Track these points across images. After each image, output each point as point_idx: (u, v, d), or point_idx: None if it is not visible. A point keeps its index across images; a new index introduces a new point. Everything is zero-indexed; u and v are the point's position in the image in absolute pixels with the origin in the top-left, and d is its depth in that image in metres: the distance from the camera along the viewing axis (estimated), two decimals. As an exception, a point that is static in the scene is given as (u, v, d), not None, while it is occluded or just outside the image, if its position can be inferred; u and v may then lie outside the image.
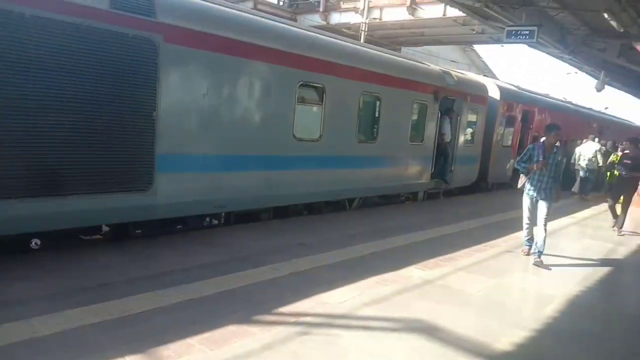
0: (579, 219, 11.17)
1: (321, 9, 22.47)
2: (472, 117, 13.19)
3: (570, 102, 22.07)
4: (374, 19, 21.59)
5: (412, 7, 20.16)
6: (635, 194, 14.19)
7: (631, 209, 13.58)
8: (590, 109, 24.97)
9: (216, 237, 7.17)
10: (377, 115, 10.10)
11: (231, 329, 3.97)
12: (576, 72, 36.94)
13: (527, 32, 11.75)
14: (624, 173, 9.58)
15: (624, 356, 4.20)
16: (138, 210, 6.29)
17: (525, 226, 7.36)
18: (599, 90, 20.26)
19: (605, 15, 11.01)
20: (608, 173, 13.96)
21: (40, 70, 5.18)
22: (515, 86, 16.71)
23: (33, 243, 5.73)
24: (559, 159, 6.91)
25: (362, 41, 18.44)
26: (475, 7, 12.72)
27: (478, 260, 6.82)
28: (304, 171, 8.61)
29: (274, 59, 7.72)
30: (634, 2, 10.70)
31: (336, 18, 22.71)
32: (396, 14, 21.21)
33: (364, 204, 10.58)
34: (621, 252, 8.15)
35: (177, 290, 4.70)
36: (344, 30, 21.09)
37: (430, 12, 19.44)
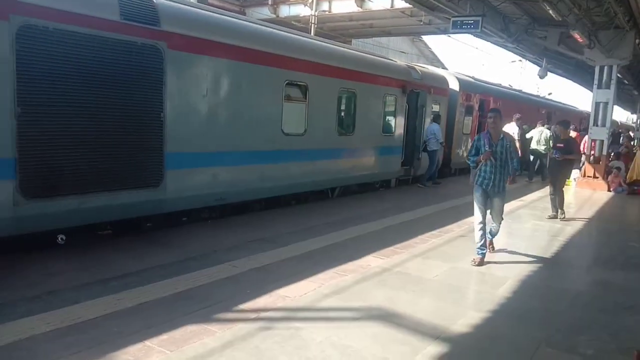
0: (527, 201, 11.61)
1: (270, 2, 22.24)
2: (435, 108, 14.25)
3: (520, 91, 23.79)
4: (323, 11, 21.59)
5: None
6: (579, 174, 14.96)
7: (576, 189, 14.31)
8: (538, 96, 26.40)
9: (172, 237, 7.03)
10: (353, 109, 10.98)
11: (190, 329, 3.90)
12: (520, 60, 38.31)
13: (472, 22, 12.04)
14: (557, 156, 9.34)
15: (571, 329, 4.40)
16: (151, 205, 6.96)
17: (477, 228, 6.25)
18: (541, 77, 21.06)
19: (544, 5, 11.41)
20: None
21: (75, 81, 5.85)
22: (471, 77, 18.11)
23: (59, 239, 6.31)
24: (508, 145, 6.19)
25: (312, 34, 18.43)
26: (421, -1, 12.95)
27: (434, 246, 6.98)
28: (292, 164, 9.37)
29: (264, 60, 8.45)
30: (570, -8, 11.16)
31: (285, 11, 22.56)
32: (345, 6, 21.28)
33: (343, 192, 11.31)
34: (568, 232, 8.52)
35: (132, 293, 4.58)
36: (294, 23, 21.00)
37: (378, 4, 19.60)
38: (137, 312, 4.21)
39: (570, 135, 11.40)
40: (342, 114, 10.83)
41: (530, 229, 8.78)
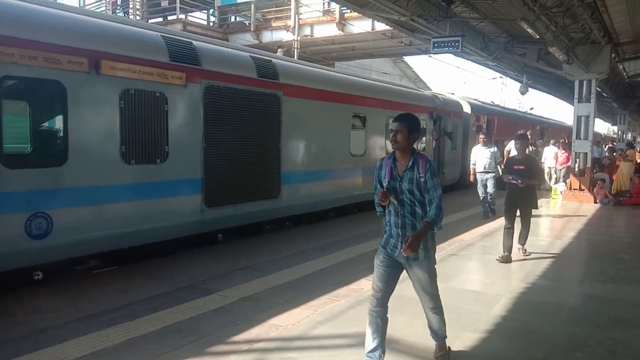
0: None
1: (252, 28, 22.46)
2: (453, 129, 16.91)
3: (516, 110, 27.23)
4: (306, 35, 21.83)
5: (342, 23, 20.54)
6: (566, 187, 15.07)
7: (563, 202, 14.39)
8: (532, 114, 30.05)
9: (157, 268, 6.92)
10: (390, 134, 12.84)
11: (181, 364, 3.79)
12: (501, 77, 38.97)
13: (452, 42, 12.22)
14: (519, 182, 7.12)
15: (567, 346, 4.35)
16: (274, 211, 9.33)
17: (369, 331, 3.89)
18: (523, 93, 21.43)
19: (522, 24, 11.65)
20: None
21: (232, 122, 8.22)
22: (480, 101, 21.41)
23: (219, 237, 8.52)
24: (421, 178, 3.60)
25: (295, 58, 18.57)
26: (400, 21, 13.11)
27: (425, 267, 6.92)
28: (356, 179, 11.78)
29: (338, 99, 11.01)
30: (545, 11, 11.39)
31: (268, 36, 22.76)
32: (327, 30, 21.54)
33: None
34: (558, 246, 8.53)
35: (120, 329, 4.45)
36: (277, 48, 21.18)
37: (359, 26, 19.87)
38: (126, 349, 4.08)
39: (529, 152, 11.03)
40: (386, 136, 13.09)
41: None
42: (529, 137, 12.11)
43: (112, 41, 6.57)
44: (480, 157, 11.30)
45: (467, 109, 18.57)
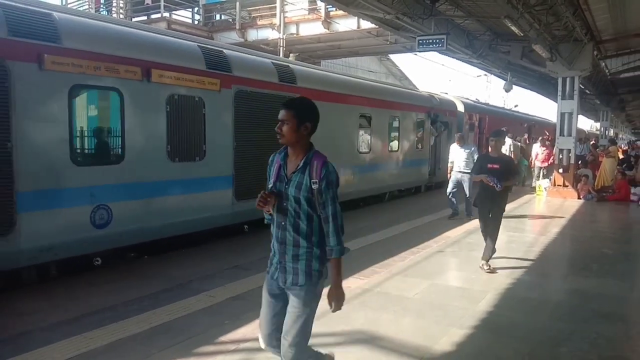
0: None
1: (237, 27, 22.36)
2: (449, 127, 17.62)
3: (504, 108, 28.57)
4: (291, 34, 21.79)
5: (327, 21, 20.53)
6: (550, 184, 15.25)
7: (548, 198, 14.56)
8: (518, 111, 31.32)
9: (145, 268, 6.88)
10: (397, 131, 14.53)
11: (168, 365, 3.77)
12: (486, 75, 39.28)
13: (437, 40, 12.30)
14: (498, 187, 6.35)
15: (552, 341, 4.41)
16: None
17: None
18: (507, 90, 21.64)
19: (506, 22, 11.75)
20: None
21: (257, 123, 8.93)
22: (472, 100, 22.76)
23: (245, 228, 9.41)
24: (316, 183, 2.85)
25: (281, 56, 18.53)
26: (385, 19, 13.15)
27: (412, 264, 6.97)
28: (363, 175, 12.74)
29: (347, 100, 11.93)
30: (529, 9, 11.51)
31: (253, 34, 22.68)
32: (312, 29, 21.52)
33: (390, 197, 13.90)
34: (542, 242, 8.63)
35: (106, 330, 4.41)
36: (263, 47, 21.11)
37: (345, 25, 19.88)
38: (112, 351, 4.05)
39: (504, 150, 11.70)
40: (391, 135, 14.29)
41: (506, 239, 8.87)
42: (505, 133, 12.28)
43: (159, 52, 7.38)
44: (457, 157, 10.99)
45: (460, 108, 19.47)
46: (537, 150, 17.06)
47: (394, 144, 14.40)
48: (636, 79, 22.57)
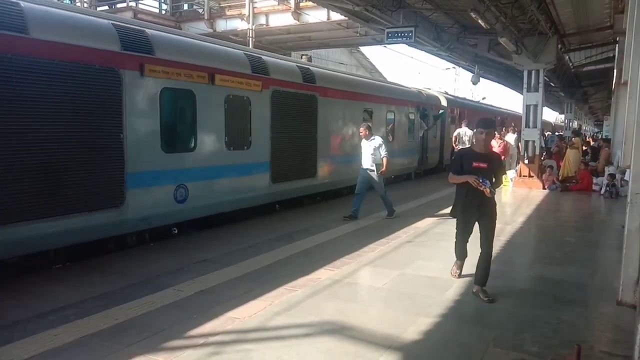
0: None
1: (206, 17, 22.01)
2: (434, 120, 19.49)
3: (479, 102, 30.83)
4: (261, 25, 21.57)
5: (297, 12, 20.40)
6: (516, 174, 15.60)
7: (514, 188, 14.89)
8: (492, 105, 33.43)
9: (112, 264, 6.73)
10: (393, 123, 15.98)
11: (134, 361, 3.71)
12: (454, 67, 39.78)
13: (406, 32, 12.39)
14: (490, 191, 5.18)
15: (516, 328, 4.52)
16: (311, 187, 11.85)
17: None
18: (474, 83, 21.99)
19: (473, 15, 11.89)
20: None
21: (287, 118, 10.70)
22: (452, 95, 25.72)
23: (277, 207, 11.24)
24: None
25: (250, 47, 18.34)
26: (355, 11, 13.14)
27: (382, 254, 7.04)
28: None
29: (354, 97, 13.44)
30: (495, 2, 11.69)
31: (222, 25, 22.36)
32: (282, 20, 21.36)
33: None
34: (508, 231, 8.82)
35: (71, 327, 4.32)
36: (232, 37, 20.85)
37: (315, 16, 19.80)
38: (77, 348, 3.97)
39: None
40: (389, 127, 15.71)
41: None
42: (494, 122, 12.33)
43: (219, 60, 8.94)
44: (362, 151, 9.89)
45: (444, 102, 21.09)
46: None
47: (390, 135, 15.73)
48: (598, 72, 23.24)
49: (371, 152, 9.65)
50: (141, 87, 7.30)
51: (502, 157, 13.90)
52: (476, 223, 5.49)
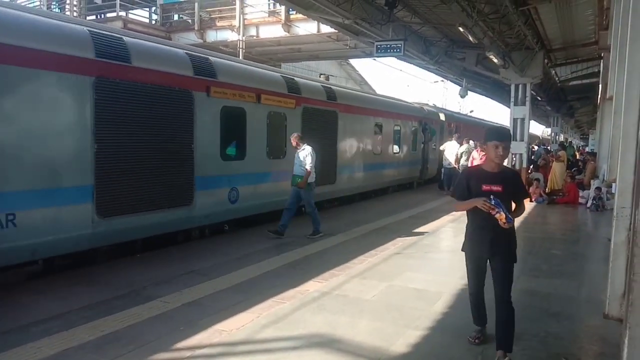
0: (457, 215, 12.01)
1: (196, 27, 22.06)
2: (433, 133, 21.07)
3: (472, 116, 33.56)
4: (251, 36, 21.66)
5: (287, 24, 20.54)
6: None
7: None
8: (483, 119, 35.62)
9: (98, 275, 6.63)
10: (399, 137, 17.63)
11: (119, 374, 3.65)
12: (442, 81, 40.15)
13: (395, 46, 12.50)
14: (508, 221, 3.99)
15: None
16: (331, 193, 13.15)
17: None
18: (462, 96, 22.25)
19: (461, 29, 12.06)
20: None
21: (314, 130, 11.70)
22: (449, 111, 28.36)
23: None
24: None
25: (240, 58, 18.38)
26: (345, 24, 13.27)
27: (370, 266, 7.03)
28: (377, 172, 15.93)
29: (368, 113, 15.17)
30: (483, 17, 11.86)
31: (212, 36, 22.42)
32: (272, 31, 21.47)
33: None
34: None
35: (54, 339, 4.25)
36: (222, 48, 20.89)
37: (305, 28, 19.94)
38: (59, 360, 3.89)
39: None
40: (395, 139, 17.31)
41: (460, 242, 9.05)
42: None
43: (264, 82, 10.39)
44: (295, 162, 9.28)
45: (442, 117, 22.90)
46: (474, 155, 15.08)
47: (397, 147, 17.49)
48: (584, 87, 23.61)
49: (300, 163, 9.15)
50: (207, 106, 8.70)
51: None
52: (488, 263, 4.31)
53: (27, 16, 6.25)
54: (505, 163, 4.30)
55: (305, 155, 9.06)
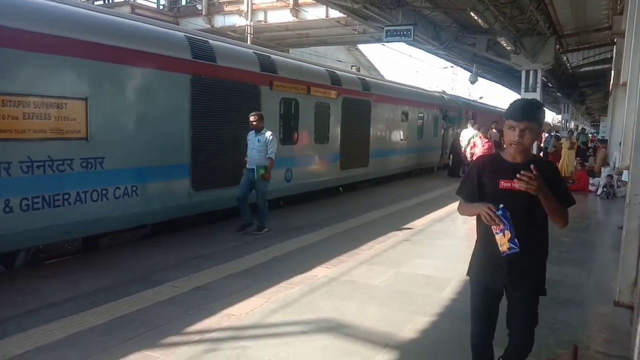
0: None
1: (204, 12, 21.93)
2: (452, 120, 22.06)
3: (485, 103, 33.45)
4: (259, 21, 21.52)
5: (295, 9, 20.38)
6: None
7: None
8: (496, 106, 34.53)
9: (107, 259, 6.68)
10: (422, 123, 18.78)
11: (130, 357, 3.68)
12: (452, 66, 39.79)
13: (404, 31, 12.39)
14: (513, 246, 2.76)
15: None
16: (363, 175, 14.56)
17: None
18: (472, 82, 22.03)
19: (472, 14, 11.89)
20: None
21: (351, 119, 13.45)
22: (466, 98, 29.10)
23: (340, 189, 13.71)
24: None
25: (248, 43, 18.28)
26: (354, 9, 13.16)
27: (378, 252, 7.02)
28: (403, 156, 17.24)
29: (397, 102, 16.39)
30: (494, 2, 11.69)
31: (220, 21, 22.32)
32: (280, 16, 21.33)
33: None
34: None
35: (64, 322, 4.28)
36: (230, 33, 20.78)
37: (313, 13, 19.77)
38: (70, 343, 3.93)
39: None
40: (419, 126, 18.47)
41: (470, 228, 9.02)
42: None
43: (312, 75, 11.80)
44: (249, 147, 8.22)
45: (459, 104, 23.89)
46: (476, 143, 14.23)
47: (420, 133, 18.65)
48: (595, 73, 23.29)
49: (257, 148, 8.07)
50: (269, 97, 10.03)
51: None
52: (504, 295, 3.10)
53: (146, 27, 7.78)
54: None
55: (269, 140, 8.06)
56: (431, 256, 6.94)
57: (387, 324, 4.44)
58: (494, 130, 17.13)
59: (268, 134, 8.11)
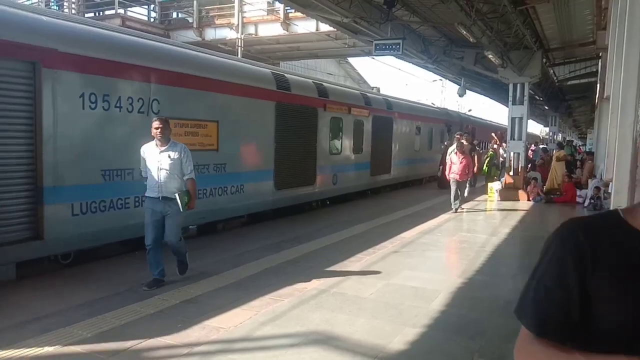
0: (456, 214, 12.03)
1: (195, 25, 22.04)
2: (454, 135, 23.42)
3: (481, 118, 36.14)
4: (250, 34, 21.65)
5: (286, 23, 20.53)
6: (501, 185, 15.68)
7: (499, 201, 15.02)
8: (491, 120, 37.73)
9: (96, 272, 6.65)
10: (430, 137, 21.42)
11: (117, 371, 3.66)
12: (441, 79, 40.18)
13: (394, 45, 12.49)
14: None
15: (501, 338, 4.54)
16: (390, 180, 18.03)
17: None
18: (461, 95, 22.28)
19: (459, 28, 12.05)
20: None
21: (377, 134, 16.41)
22: (465, 114, 32.08)
23: (369, 192, 16.79)
24: None
25: (239, 56, 18.37)
26: (344, 23, 13.25)
27: (368, 264, 7.04)
28: (413, 165, 19.66)
29: (412, 118, 19.45)
30: (481, 17, 11.86)
31: (211, 34, 22.41)
32: (271, 30, 21.47)
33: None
34: (493, 243, 8.90)
35: (52, 336, 4.25)
36: (220, 46, 20.88)
37: (304, 27, 19.93)
38: (58, 357, 3.89)
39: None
40: (429, 139, 21.24)
41: (459, 240, 9.10)
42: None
43: (352, 98, 14.77)
44: (151, 167, 5.86)
45: (460, 119, 26.19)
46: (453, 159, 12.56)
47: (429, 146, 21.12)
48: (581, 86, 23.63)
49: (169, 169, 5.79)
50: (323, 117, 12.92)
51: (466, 175, 12.30)
52: None
53: (249, 67, 10.96)
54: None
55: (183, 155, 5.89)
56: (420, 268, 6.98)
57: (377, 336, 4.46)
58: (463, 141, 13.58)
59: (180, 146, 5.95)
